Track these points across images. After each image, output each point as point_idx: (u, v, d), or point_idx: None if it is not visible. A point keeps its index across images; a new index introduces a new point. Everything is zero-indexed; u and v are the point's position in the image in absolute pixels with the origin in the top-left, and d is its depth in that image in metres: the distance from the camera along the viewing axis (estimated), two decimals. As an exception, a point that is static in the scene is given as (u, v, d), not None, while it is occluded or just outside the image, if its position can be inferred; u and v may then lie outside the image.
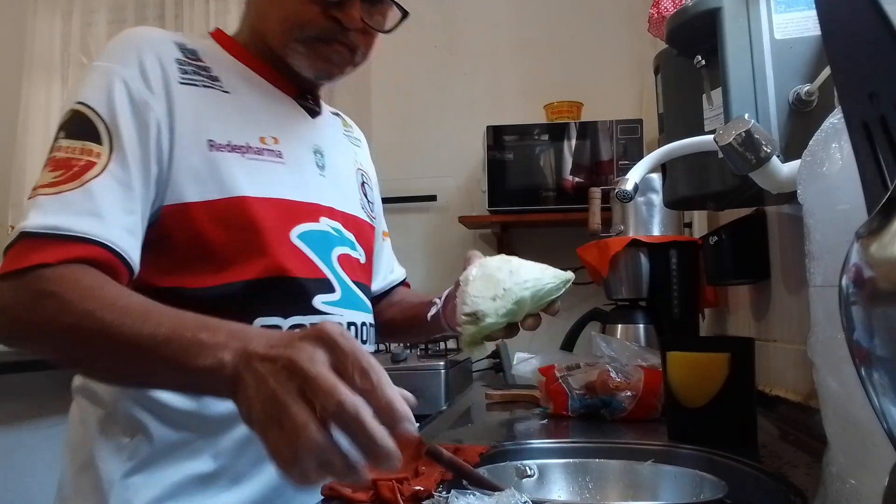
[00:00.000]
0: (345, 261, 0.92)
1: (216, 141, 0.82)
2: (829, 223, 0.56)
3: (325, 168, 0.95)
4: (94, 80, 0.79)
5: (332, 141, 1.01)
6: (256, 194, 0.83)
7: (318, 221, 0.90)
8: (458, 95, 2.79)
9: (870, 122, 0.37)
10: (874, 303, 0.34)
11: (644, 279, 1.70)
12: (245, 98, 0.89)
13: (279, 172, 0.87)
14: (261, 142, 0.87)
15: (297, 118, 0.95)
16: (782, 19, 0.92)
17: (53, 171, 0.74)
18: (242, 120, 0.86)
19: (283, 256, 0.83)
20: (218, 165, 0.81)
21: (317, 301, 0.86)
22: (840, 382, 0.53)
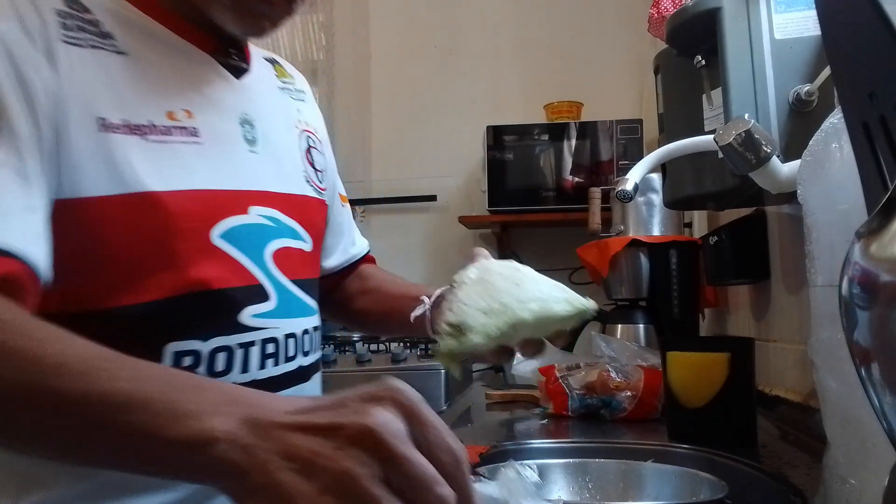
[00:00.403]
0: (283, 257, 0.76)
1: (108, 119, 0.63)
2: (829, 223, 0.56)
3: (258, 142, 0.76)
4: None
5: (266, 103, 0.81)
6: (165, 188, 0.65)
7: (248, 213, 0.72)
8: (458, 95, 2.79)
9: (870, 122, 0.37)
10: (874, 303, 0.34)
11: (644, 279, 1.70)
12: (147, 61, 0.69)
13: (194, 156, 0.69)
14: (168, 118, 0.68)
15: (217, 82, 0.75)
16: (782, 19, 0.92)
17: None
18: (143, 91, 0.67)
19: (201, 264, 0.67)
20: (112, 151, 0.63)
21: (245, 315, 0.70)
22: (840, 382, 0.53)
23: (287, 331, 0.75)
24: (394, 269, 1.12)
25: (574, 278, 2.57)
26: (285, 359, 0.74)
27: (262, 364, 0.71)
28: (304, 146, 0.86)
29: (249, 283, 0.71)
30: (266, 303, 0.73)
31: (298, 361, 0.77)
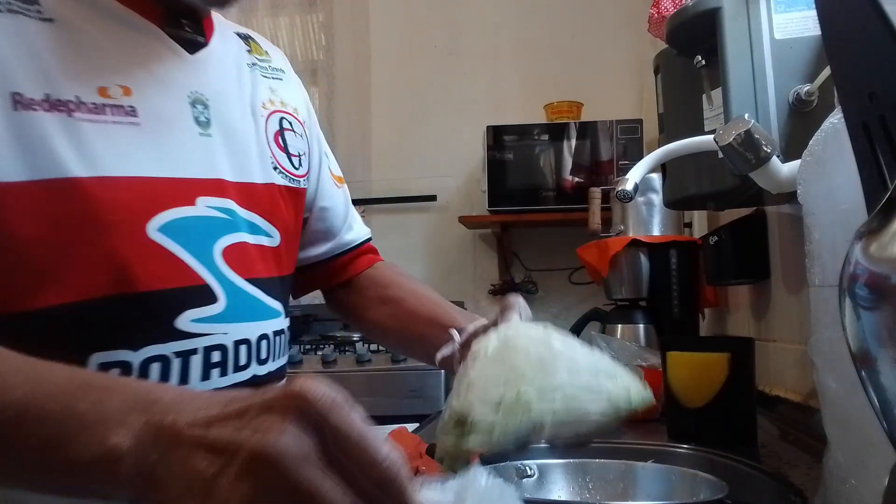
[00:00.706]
0: (238, 253, 0.68)
1: (25, 95, 0.56)
2: (829, 223, 0.56)
3: (212, 124, 0.68)
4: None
5: (227, 81, 0.73)
6: (91, 173, 0.57)
7: (195, 204, 0.64)
8: (458, 95, 2.80)
9: (870, 122, 0.37)
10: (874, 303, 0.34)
11: (644, 279, 1.70)
12: (78, 29, 0.60)
13: (130, 139, 0.61)
14: (100, 94, 0.60)
15: (165, 56, 0.66)
16: (782, 19, 0.92)
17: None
18: (71, 62, 0.59)
19: (133, 261, 0.59)
20: (28, 131, 0.55)
21: (183, 320, 0.62)
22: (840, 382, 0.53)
23: (238, 336, 0.67)
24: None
25: (574, 278, 2.58)
26: (235, 368, 0.66)
27: (206, 375, 0.64)
28: (273, 128, 0.77)
29: (192, 284, 0.63)
30: (212, 305, 0.65)
31: (253, 370, 0.68)
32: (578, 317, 1.96)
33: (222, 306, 0.65)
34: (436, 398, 1.97)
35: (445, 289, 2.93)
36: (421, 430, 1.12)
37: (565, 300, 2.60)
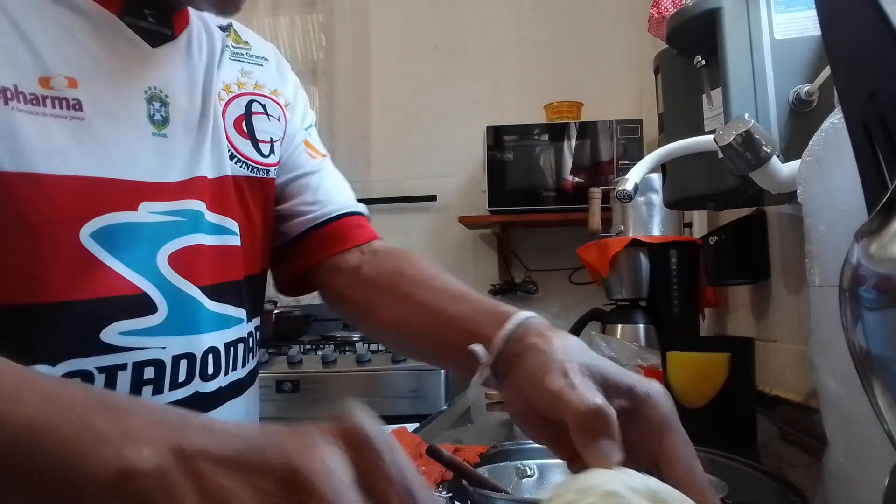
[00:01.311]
0: (187, 258, 0.63)
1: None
2: (829, 223, 0.56)
3: (170, 122, 0.63)
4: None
5: (194, 75, 0.67)
6: (21, 168, 0.53)
7: (136, 209, 0.59)
8: (458, 95, 2.80)
9: (870, 122, 0.37)
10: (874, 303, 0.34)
11: (644, 279, 1.70)
12: (21, 13, 0.55)
13: (71, 135, 0.56)
14: (41, 85, 0.55)
15: (121, 48, 0.61)
16: (782, 19, 0.92)
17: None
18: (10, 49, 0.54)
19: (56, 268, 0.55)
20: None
21: (110, 332, 0.57)
22: (840, 382, 0.53)
23: (178, 351, 0.62)
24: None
25: (574, 278, 2.58)
26: (172, 385, 0.61)
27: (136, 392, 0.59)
28: (236, 113, 0.71)
29: (124, 294, 0.58)
30: (149, 317, 0.60)
31: (195, 387, 0.63)
32: (578, 317, 1.96)
33: (162, 317, 0.60)
34: (436, 398, 1.97)
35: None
36: (421, 430, 1.12)
37: (565, 300, 2.60)
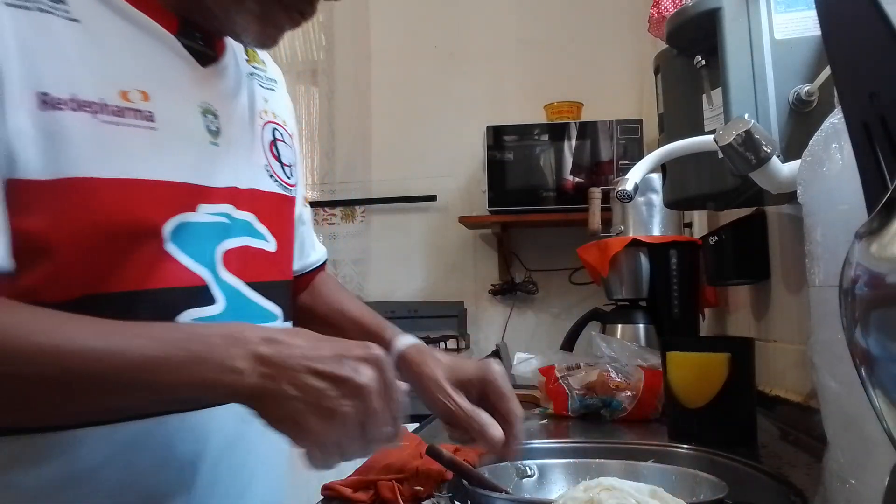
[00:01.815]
0: (237, 257, 0.70)
1: (52, 94, 0.57)
2: (829, 223, 0.56)
3: (221, 133, 0.70)
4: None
5: (233, 92, 0.75)
6: (110, 174, 0.59)
7: (195, 210, 0.66)
8: (459, 95, 2.79)
9: (870, 122, 0.37)
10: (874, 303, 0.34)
11: (644, 279, 1.70)
12: (103, 32, 0.61)
13: (148, 142, 0.62)
14: (122, 97, 0.61)
15: (180, 67, 0.68)
16: (782, 19, 0.92)
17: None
18: (96, 64, 0.60)
19: (143, 262, 0.62)
20: (53, 131, 0.56)
21: (185, 318, 0.64)
22: (840, 382, 0.53)
23: None
24: (394, 270, 1.11)
25: (574, 278, 2.58)
26: None
27: None
28: (268, 138, 0.79)
29: (192, 284, 0.65)
30: (211, 307, 0.66)
31: None
32: (578, 317, 1.96)
33: (221, 308, 0.67)
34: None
35: (445, 289, 2.95)
36: (421, 430, 1.12)
37: (565, 300, 2.60)
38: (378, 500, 0.68)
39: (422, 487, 0.70)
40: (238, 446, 0.68)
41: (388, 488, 0.69)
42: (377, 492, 0.69)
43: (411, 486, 0.70)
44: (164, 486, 0.63)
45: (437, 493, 0.70)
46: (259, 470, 0.71)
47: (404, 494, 0.68)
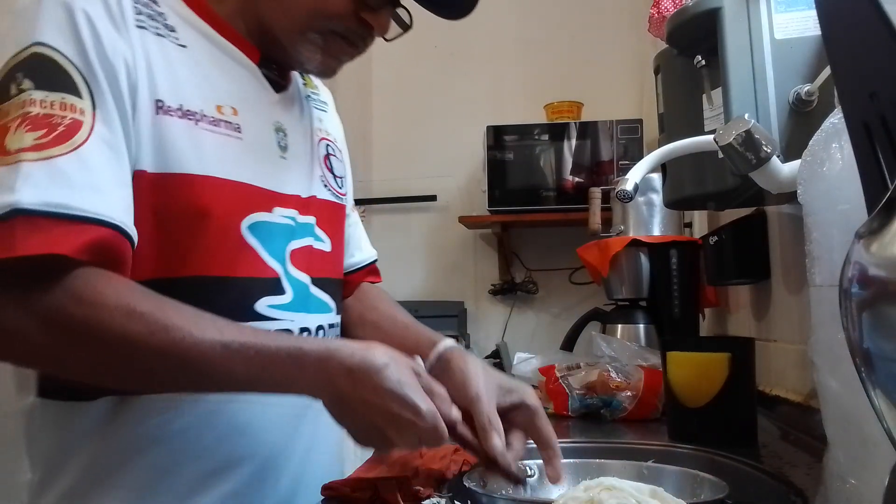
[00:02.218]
0: (303, 255, 0.81)
1: (165, 103, 0.69)
2: (830, 223, 0.56)
3: (288, 149, 0.82)
4: (49, 14, 0.64)
5: (297, 114, 0.87)
6: (205, 172, 0.70)
7: (271, 212, 0.77)
8: (459, 95, 2.79)
9: (870, 122, 0.37)
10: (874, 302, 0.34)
11: (644, 279, 1.70)
12: (203, 57, 0.75)
13: (236, 150, 0.74)
14: (217, 111, 0.73)
15: (259, 90, 0.81)
16: (782, 19, 0.92)
17: (33, 131, 0.60)
18: (198, 82, 0.73)
19: (227, 251, 0.72)
20: (163, 133, 0.68)
21: (261, 305, 0.75)
22: (840, 382, 0.53)
23: (301, 325, 0.79)
24: (394, 269, 1.13)
25: (574, 278, 2.58)
26: None
27: None
28: (322, 153, 0.90)
29: (268, 276, 0.76)
30: (282, 296, 0.77)
31: None
32: (579, 317, 1.96)
33: (289, 298, 0.78)
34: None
35: (445, 289, 2.95)
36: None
37: (566, 300, 2.60)
38: (378, 500, 0.68)
39: (422, 487, 0.70)
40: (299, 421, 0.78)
41: (389, 488, 0.69)
42: (377, 492, 0.69)
43: (411, 486, 0.70)
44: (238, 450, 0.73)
45: (437, 493, 0.70)
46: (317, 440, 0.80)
47: (404, 494, 0.68)
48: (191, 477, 0.70)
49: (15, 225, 0.57)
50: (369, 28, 0.79)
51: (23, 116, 0.61)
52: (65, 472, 0.68)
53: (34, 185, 0.58)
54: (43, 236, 0.58)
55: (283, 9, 0.77)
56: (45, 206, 0.58)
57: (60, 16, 0.64)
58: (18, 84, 0.62)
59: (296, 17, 0.77)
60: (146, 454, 0.69)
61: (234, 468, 0.72)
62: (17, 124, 0.61)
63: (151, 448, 0.69)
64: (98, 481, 0.68)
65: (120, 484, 0.68)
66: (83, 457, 0.68)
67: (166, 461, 0.69)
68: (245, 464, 0.73)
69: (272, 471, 0.75)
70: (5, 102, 0.62)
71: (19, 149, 0.59)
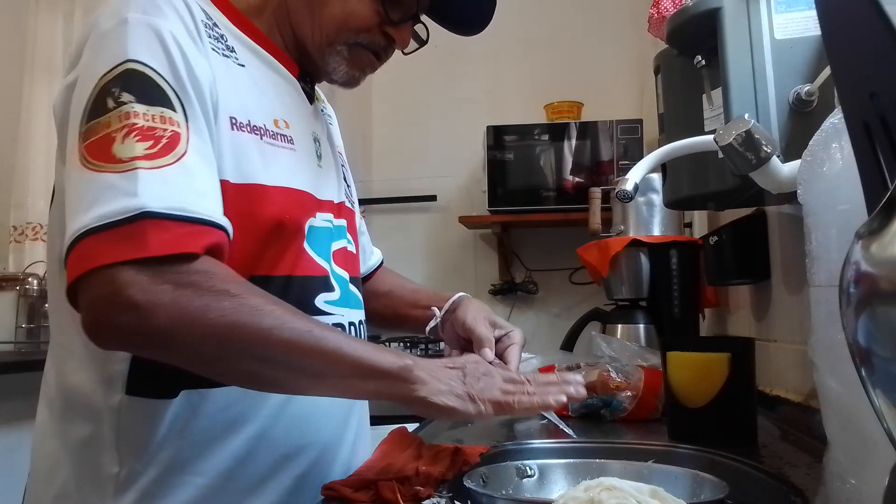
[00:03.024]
0: (341, 256, 0.89)
1: (237, 119, 0.75)
2: (830, 223, 0.56)
3: (322, 157, 0.90)
4: (138, 34, 0.68)
5: (323, 126, 0.96)
6: (271, 182, 0.77)
7: (315, 216, 0.84)
8: (459, 95, 2.79)
9: (870, 122, 0.37)
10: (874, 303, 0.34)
11: (644, 279, 1.70)
12: (258, 74, 0.81)
13: (291, 160, 0.81)
14: (275, 125, 0.80)
15: (301, 102, 0.88)
16: (782, 19, 0.92)
17: (143, 142, 0.64)
18: (258, 99, 0.79)
19: (291, 253, 0.79)
20: (238, 147, 0.74)
21: (319, 301, 0.82)
22: (840, 382, 0.53)
23: (349, 319, 0.87)
24: (394, 269, 1.16)
25: (574, 278, 2.58)
26: None
27: None
28: (339, 164, 0.99)
29: (321, 275, 0.83)
30: (333, 293, 0.85)
31: None
32: (579, 317, 1.96)
33: (338, 295, 0.86)
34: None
35: (445, 289, 2.91)
36: (421, 430, 1.12)
37: (566, 300, 2.60)
38: (378, 500, 0.68)
39: (422, 487, 0.70)
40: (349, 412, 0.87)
41: (389, 488, 0.69)
42: (377, 492, 0.69)
43: (412, 486, 0.70)
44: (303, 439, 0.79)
45: (437, 493, 0.70)
46: (361, 430, 0.91)
47: (404, 494, 0.68)
48: (264, 464, 0.76)
49: (145, 226, 0.61)
50: (391, 41, 0.87)
51: (129, 127, 0.64)
52: (150, 464, 0.72)
53: (155, 191, 0.63)
54: (171, 237, 0.62)
55: (313, 23, 0.84)
56: (169, 210, 0.63)
57: (150, 36, 0.69)
58: (116, 97, 0.66)
59: (325, 31, 0.84)
60: (224, 443, 0.74)
61: (298, 456, 0.78)
62: (123, 134, 0.64)
63: (229, 437, 0.74)
64: (181, 470, 0.72)
65: (200, 471, 0.73)
66: (167, 450, 0.72)
67: (242, 450, 0.75)
68: (307, 451, 0.79)
69: (329, 457, 0.82)
70: (105, 115, 0.65)
71: (132, 157, 0.63)
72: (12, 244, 2.93)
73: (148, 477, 0.72)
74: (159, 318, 0.61)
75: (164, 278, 0.62)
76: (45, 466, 0.77)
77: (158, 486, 0.72)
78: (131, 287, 0.60)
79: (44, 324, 2.39)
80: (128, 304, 0.60)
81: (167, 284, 0.61)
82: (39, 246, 2.92)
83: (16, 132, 2.97)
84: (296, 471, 0.78)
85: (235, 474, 0.74)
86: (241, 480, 0.75)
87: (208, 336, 0.63)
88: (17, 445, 1.88)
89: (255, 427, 0.75)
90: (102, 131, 0.65)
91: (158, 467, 0.72)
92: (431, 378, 0.69)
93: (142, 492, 0.71)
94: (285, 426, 0.78)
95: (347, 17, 0.83)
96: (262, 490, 0.76)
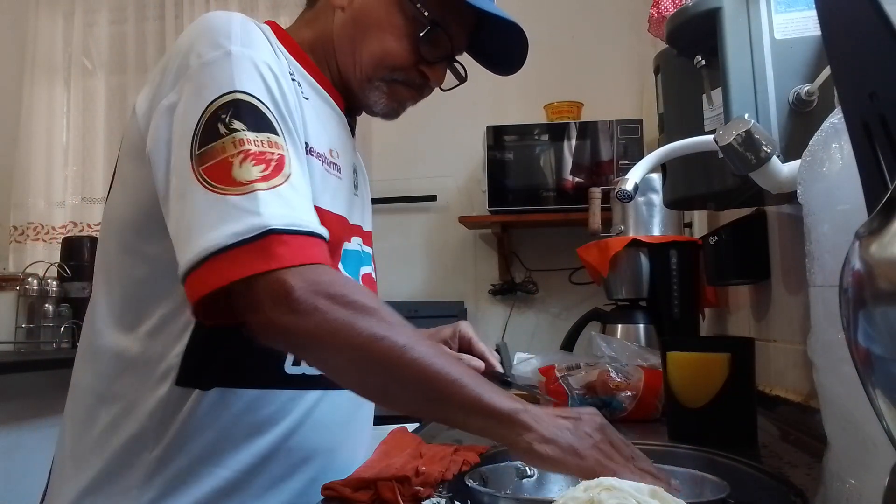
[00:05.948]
0: (367, 280, 0.94)
1: (310, 145, 0.82)
2: (829, 223, 0.56)
3: (358, 188, 0.97)
4: (241, 66, 0.76)
5: (360, 159, 1.02)
6: (326, 206, 0.83)
7: (350, 241, 0.91)
8: (459, 95, 2.76)
9: (870, 122, 0.37)
10: (874, 303, 0.34)
11: (644, 279, 1.70)
12: (318, 106, 0.88)
13: (339, 187, 0.89)
14: (330, 154, 0.87)
15: (346, 135, 0.95)
16: (782, 19, 0.92)
17: (258, 166, 0.71)
18: (319, 129, 0.86)
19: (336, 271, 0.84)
20: (312, 171, 0.81)
21: None
22: (840, 382, 0.53)
23: None
24: (394, 269, 1.17)
25: (574, 278, 2.58)
26: None
27: None
28: (369, 196, 1.05)
29: None
30: None
31: None
32: (579, 317, 1.96)
33: None
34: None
35: (445, 289, 2.95)
36: (421, 430, 1.12)
37: (565, 300, 2.60)
38: (378, 500, 0.68)
39: (422, 487, 0.70)
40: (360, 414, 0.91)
41: (389, 488, 0.69)
42: (377, 492, 0.69)
43: (411, 486, 0.70)
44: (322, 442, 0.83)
45: (437, 493, 0.70)
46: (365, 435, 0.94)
47: (404, 494, 0.68)
48: (284, 465, 0.80)
49: (271, 242, 0.67)
50: (426, 79, 0.93)
51: (245, 153, 0.71)
52: (182, 452, 0.77)
53: (275, 210, 0.69)
54: (294, 250, 0.68)
55: (353, 59, 0.90)
56: (289, 226, 0.69)
57: (251, 69, 0.75)
58: (227, 125, 0.72)
59: (364, 67, 0.89)
60: (253, 441, 0.79)
61: (313, 459, 0.82)
62: (240, 160, 0.70)
63: (257, 436, 0.79)
64: (209, 461, 0.77)
65: (226, 465, 0.78)
66: (199, 440, 0.77)
67: (267, 450, 0.79)
68: (321, 456, 0.83)
69: (339, 461, 0.85)
70: (218, 140, 0.71)
71: (251, 180, 0.70)
72: (12, 244, 2.94)
73: (178, 464, 0.77)
74: (317, 321, 0.68)
75: (314, 288, 0.68)
76: (74, 457, 0.81)
77: (188, 474, 0.77)
78: (296, 291, 0.67)
79: (44, 324, 2.40)
80: (293, 305, 0.67)
81: (319, 293, 0.68)
82: (39, 246, 2.92)
83: (16, 132, 2.97)
84: (308, 474, 0.82)
85: (258, 472, 0.79)
86: (262, 478, 0.79)
87: (354, 347, 0.68)
88: (17, 445, 1.89)
89: (282, 429, 0.80)
90: (219, 156, 0.71)
91: (189, 457, 0.77)
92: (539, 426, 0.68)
93: (171, 478, 0.76)
94: (308, 431, 0.82)
95: (384, 55, 0.88)
96: (278, 490, 0.80)
